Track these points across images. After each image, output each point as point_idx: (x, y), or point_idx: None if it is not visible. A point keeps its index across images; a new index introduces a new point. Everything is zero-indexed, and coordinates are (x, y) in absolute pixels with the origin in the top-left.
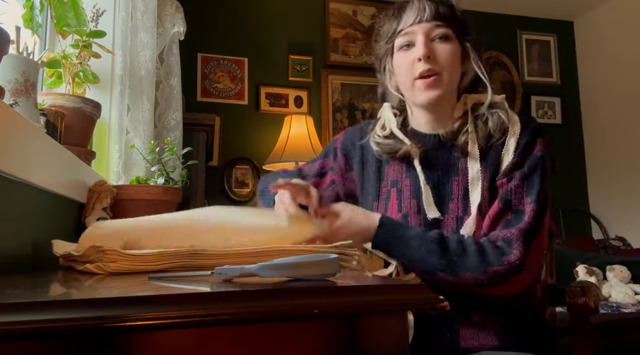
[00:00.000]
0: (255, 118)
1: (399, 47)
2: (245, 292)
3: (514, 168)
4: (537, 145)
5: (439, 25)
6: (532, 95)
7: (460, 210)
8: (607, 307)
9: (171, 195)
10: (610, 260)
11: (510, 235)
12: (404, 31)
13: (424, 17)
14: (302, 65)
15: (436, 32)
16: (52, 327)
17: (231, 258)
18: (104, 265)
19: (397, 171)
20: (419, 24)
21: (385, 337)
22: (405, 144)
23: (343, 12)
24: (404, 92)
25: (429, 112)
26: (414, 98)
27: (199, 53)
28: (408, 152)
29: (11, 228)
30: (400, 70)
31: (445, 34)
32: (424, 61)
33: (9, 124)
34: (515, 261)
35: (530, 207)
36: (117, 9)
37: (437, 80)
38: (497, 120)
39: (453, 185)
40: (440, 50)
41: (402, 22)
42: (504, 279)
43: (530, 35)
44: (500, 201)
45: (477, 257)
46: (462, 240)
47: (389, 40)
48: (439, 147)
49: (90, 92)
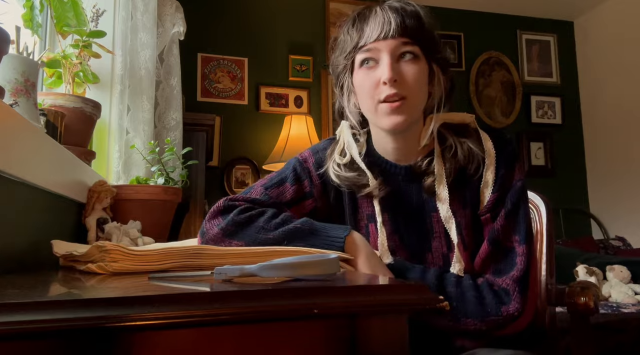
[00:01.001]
0: (255, 118)
1: (360, 64)
2: (245, 292)
3: (496, 204)
4: (516, 175)
5: (405, 43)
6: (532, 95)
7: (444, 247)
8: (607, 307)
9: (171, 195)
10: (610, 260)
11: (506, 286)
12: (366, 47)
13: (390, 33)
14: (302, 65)
15: (402, 49)
16: (52, 327)
17: (231, 258)
18: (106, 265)
19: (371, 204)
20: (384, 40)
21: (385, 337)
22: (368, 178)
23: (343, 12)
24: (366, 114)
25: (395, 138)
26: (377, 122)
27: (199, 53)
28: (370, 193)
29: (11, 228)
30: (362, 91)
31: (413, 51)
32: (389, 85)
33: (9, 124)
34: (514, 312)
35: (521, 249)
36: (117, 9)
37: (404, 105)
38: (468, 152)
39: (433, 221)
40: (407, 71)
41: (364, 36)
42: (503, 327)
43: (530, 35)
44: (488, 243)
45: (476, 305)
46: (460, 283)
47: (349, 55)
48: (411, 179)
49: (90, 92)
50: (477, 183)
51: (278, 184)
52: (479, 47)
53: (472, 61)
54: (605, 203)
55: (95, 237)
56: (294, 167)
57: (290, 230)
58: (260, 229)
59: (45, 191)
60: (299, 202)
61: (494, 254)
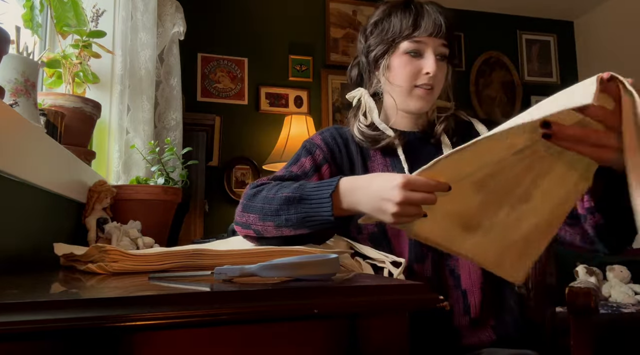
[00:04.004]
0: (255, 118)
1: (406, 52)
2: (245, 292)
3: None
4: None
5: (445, 44)
6: (532, 95)
7: None
8: (607, 307)
9: (171, 195)
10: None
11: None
12: (417, 39)
13: (439, 33)
14: (302, 65)
15: (441, 50)
16: (52, 327)
17: (231, 258)
18: (106, 265)
19: (382, 165)
20: (434, 37)
21: (385, 337)
22: (389, 136)
23: (343, 12)
24: (396, 93)
25: (411, 117)
26: (406, 102)
27: (199, 53)
28: (392, 143)
29: (11, 228)
30: (400, 74)
31: (446, 54)
32: (431, 74)
33: (9, 124)
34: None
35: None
36: (117, 9)
37: (431, 94)
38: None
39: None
40: (440, 69)
41: (418, 30)
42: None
43: (530, 35)
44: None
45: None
46: None
47: (397, 39)
48: (419, 142)
49: (90, 92)
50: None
51: (295, 161)
52: (479, 47)
53: (472, 61)
54: None
55: (95, 237)
56: (304, 145)
57: (283, 199)
58: (264, 198)
59: (45, 191)
60: (318, 170)
61: None
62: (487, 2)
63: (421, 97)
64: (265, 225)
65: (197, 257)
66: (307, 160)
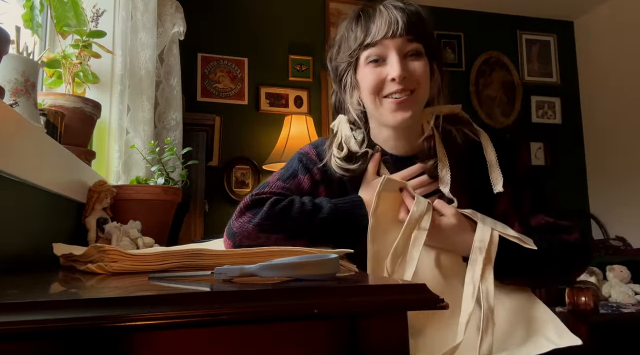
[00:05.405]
0: (255, 118)
1: (366, 61)
2: (245, 292)
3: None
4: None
5: (411, 40)
6: (532, 95)
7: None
8: (607, 307)
9: (171, 195)
10: (610, 260)
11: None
12: (373, 44)
13: (397, 31)
14: (302, 65)
15: (409, 47)
16: (52, 327)
17: (231, 258)
18: (106, 265)
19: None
20: (391, 38)
21: (385, 337)
22: (365, 167)
23: (343, 12)
24: (370, 110)
25: (396, 134)
26: (382, 118)
27: (199, 53)
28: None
29: (11, 228)
30: (367, 87)
31: (417, 49)
32: (398, 81)
33: (9, 124)
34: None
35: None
36: (117, 9)
37: (410, 100)
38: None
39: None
40: (415, 67)
41: (370, 34)
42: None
43: (530, 35)
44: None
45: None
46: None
47: (353, 52)
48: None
49: (90, 92)
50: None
51: (291, 176)
52: (479, 47)
53: (472, 61)
54: (605, 203)
55: (95, 237)
56: (300, 160)
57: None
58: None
59: (45, 191)
60: (315, 189)
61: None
62: (487, 2)
63: (394, 109)
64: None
65: (196, 257)
66: (306, 180)
